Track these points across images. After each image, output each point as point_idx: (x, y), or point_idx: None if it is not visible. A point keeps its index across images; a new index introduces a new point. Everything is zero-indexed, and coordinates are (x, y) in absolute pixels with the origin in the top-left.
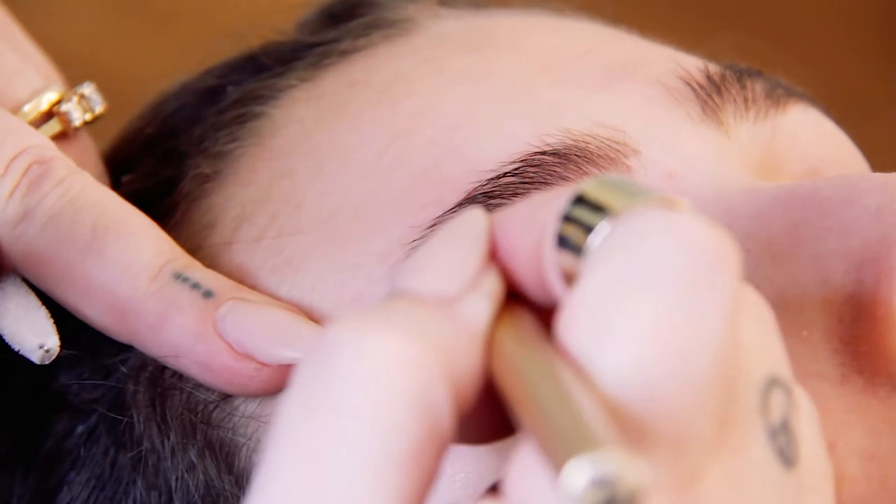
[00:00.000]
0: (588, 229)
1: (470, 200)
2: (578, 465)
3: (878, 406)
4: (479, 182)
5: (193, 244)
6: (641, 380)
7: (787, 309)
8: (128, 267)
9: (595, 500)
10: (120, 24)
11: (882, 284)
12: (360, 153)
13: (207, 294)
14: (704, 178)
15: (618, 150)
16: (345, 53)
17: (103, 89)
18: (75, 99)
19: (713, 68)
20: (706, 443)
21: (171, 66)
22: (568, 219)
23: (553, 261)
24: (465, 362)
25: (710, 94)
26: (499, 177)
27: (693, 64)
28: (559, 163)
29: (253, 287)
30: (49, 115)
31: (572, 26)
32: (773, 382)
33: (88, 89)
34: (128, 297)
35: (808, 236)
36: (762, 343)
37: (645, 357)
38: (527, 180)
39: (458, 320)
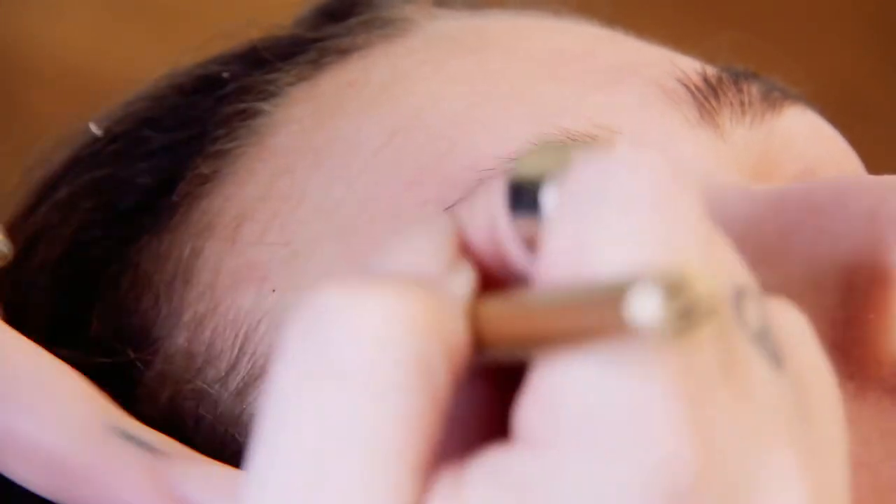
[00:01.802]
0: (537, 188)
1: None
2: (644, 290)
3: (870, 412)
4: (479, 180)
5: (195, 247)
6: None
7: None
8: (62, 421)
9: (675, 312)
10: (120, 24)
11: (874, 288)
12: (360, 149)
13: (154, 451)
14: (699, 181)
15: None
16: (342, 52)
17: (103, 89)
18: None
19: (710, 71)
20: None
21: (171, 67)
22: (516, 187)
23: (511, 231)
24: (453, 328)
25: (706, 97)
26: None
27: (690, 66)
28: None
29: (263, 281)
30: None
31: (570, 28)
32: (740, 293)
33: None
34: (67, 454)
35: (800, 240)
36: (719, 258)
37: (637, 254)
38: None
39: (441, 290)
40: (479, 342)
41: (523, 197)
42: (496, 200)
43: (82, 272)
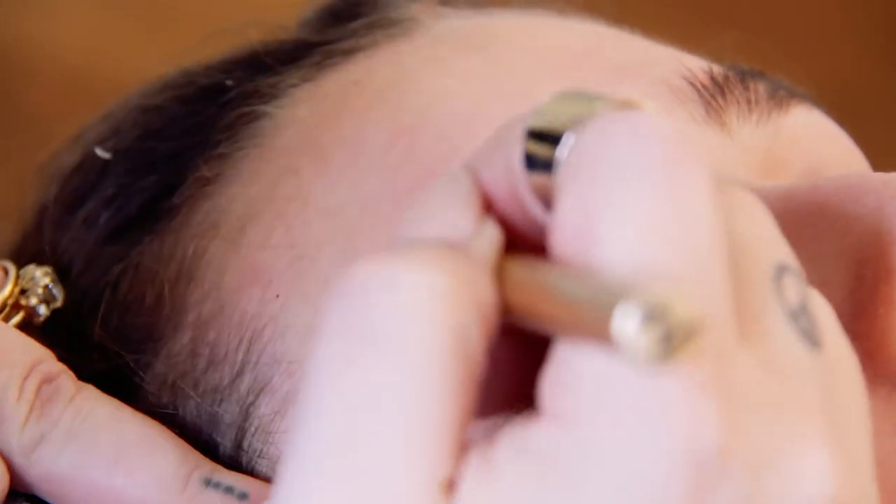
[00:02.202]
0: (553, 143)
1: None
2: (624, 312)
3: (879, 406)
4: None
5: (198, 247)
6: (644, 264)
7: None
8: (157, 480)
9: (652, 339)
10: (120, 24)
11: (882, 282)
12: (365, 149)
13: (242, 496)
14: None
15: None
16: (347, 53)
17: (103, 89)
18: (39, 290)
19: (717, 69)
20: (724, 318)
21: (171, 66)
22: (532, 138)
23: (526, 184)
24: (485, 294)
25: (713, 96)
26: None
27: (697, 64)
28: None
29: (268, 285)
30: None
31: (576, 26)
32: (782, 269)
33: (48, 278)
34: None
35: (808, 236)
36: (763, 233)
37: (642, 244)
38: None
39: (470, 257)
40: (505, 304)
41: (539, 150)
42: (513, 153)
43: (90, 279)
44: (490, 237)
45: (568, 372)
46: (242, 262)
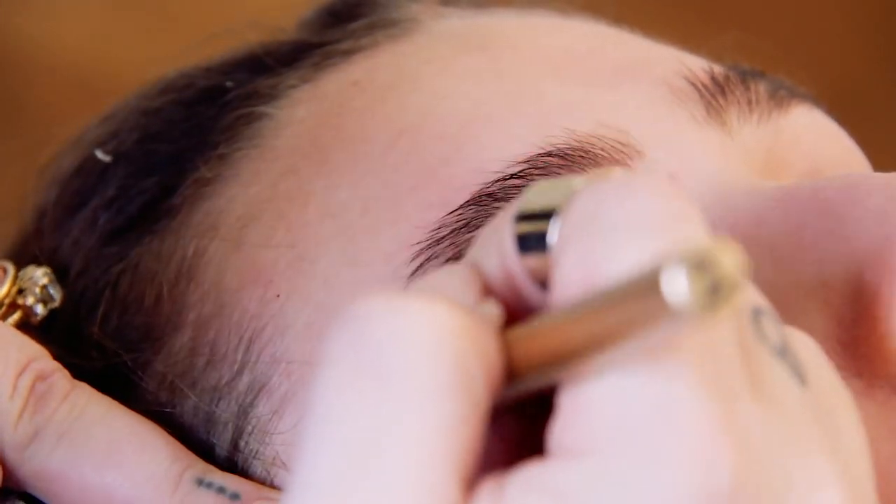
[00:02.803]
0: (544, 218)
1: (475, 203)
2: (672, 271)
3: (877, 410)
4: (484, 183)
5: (198, 246)
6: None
7: (786, 311)
8: (149, 479)
9: (702, 289)
10: (120, 24)
11: (883, 286)
12: (366, 148)
13: (234, 497)
14: (707, 179)
15: (622, 152)
16: (347, 53)
17: (105, 88)
18: (37, 290)
19: (717, 69)
20: (737, 358)
21: (171, 66)
22: (522, 219)
23: (519, 264)
24: (490, 349)
25: (714, 96)
26: (504, 178)
27: (697, 64)
28: (564, 165)
29: (269, 284)
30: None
31: (576, 26)
32: (757, 311)
33: (46, 278)
34: None
35: (809, 238)
36: None
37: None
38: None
39: (476, 313)
40: (509, 371)
41: (529, 236)
42: (505, 243)
43: (90, 279)
44: (493, 309)
45: (580, 409)
46: (243, 261)
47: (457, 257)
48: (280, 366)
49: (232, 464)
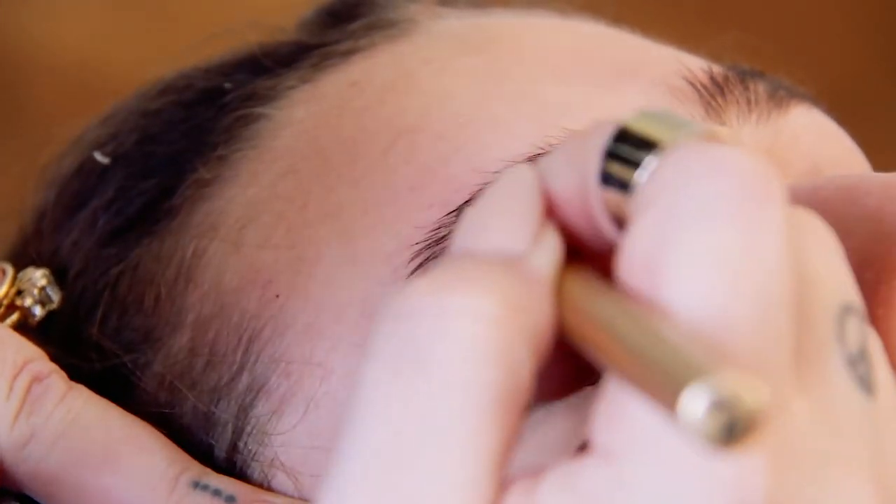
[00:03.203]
0: (633, 164)
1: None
2: (695, 393)
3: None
4: (484, 183)
5: (197, 247)
6: (711, 310)
7: None
8: (145, 481)
9: (716, 426)
10: (120, 24)
11: (882, 285)
12: (365, 148)
13: (230, 499)
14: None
15: None
16: (345, 54)
17: (105, 88)
18: (35, 292)
19: (717, 69)
20: (785, 368)
21: (171, 66)
22: (612, 155)
23: (600, 200)
24: (539, 318)
25: (713, 96)
26: None
27: (696, 65)
28: None
29: (268, 285)
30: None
31: (576, 26)
32: (847, 309)
33: (45, 280)
34: None
35: None
36: (832, 271)
37: (710, 288)
38: None
39: (527, 276)
40: (561, 325)
41: (617, 169)
42: (590, 167)
43: (89, 280)
44: (551, 249)
45: (618, 409)
46: (242, 262)
47: None
48: (279, 366)
49: (231, 465)
